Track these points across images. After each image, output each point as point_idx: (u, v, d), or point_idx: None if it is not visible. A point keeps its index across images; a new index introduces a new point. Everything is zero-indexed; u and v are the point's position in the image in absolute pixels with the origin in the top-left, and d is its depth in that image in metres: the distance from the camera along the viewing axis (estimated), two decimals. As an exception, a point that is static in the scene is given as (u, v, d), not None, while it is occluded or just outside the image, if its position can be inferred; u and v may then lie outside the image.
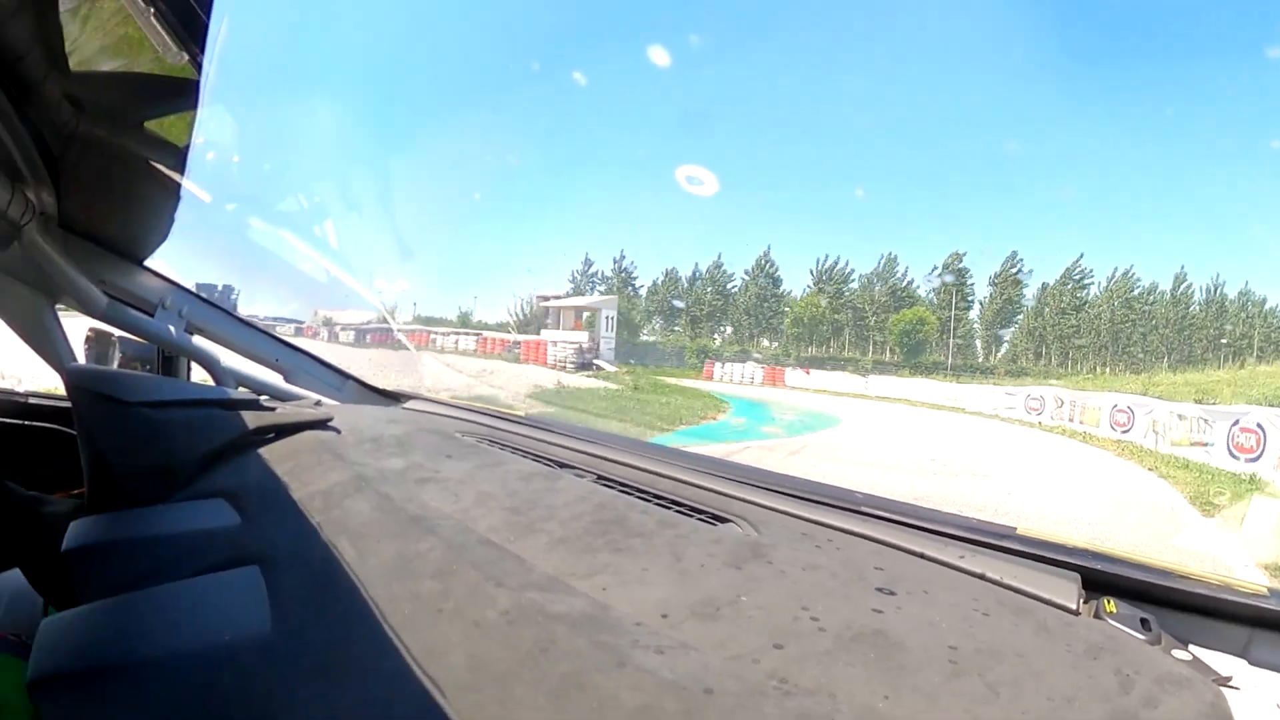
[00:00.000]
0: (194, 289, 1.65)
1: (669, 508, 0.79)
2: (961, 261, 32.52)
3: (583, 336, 29.48)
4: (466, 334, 31.08)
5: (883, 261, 34.94)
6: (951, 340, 31.62)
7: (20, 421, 1.75)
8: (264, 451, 1.14)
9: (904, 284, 34.07)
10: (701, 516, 0.77)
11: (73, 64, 1.02)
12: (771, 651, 0.48)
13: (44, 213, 1.31)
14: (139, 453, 1.09)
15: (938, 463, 10.46)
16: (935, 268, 33.72)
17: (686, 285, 37.54)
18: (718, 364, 30.11)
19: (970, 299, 32.99)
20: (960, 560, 0.63)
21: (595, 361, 27.67)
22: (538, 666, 0.47)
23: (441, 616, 0.57)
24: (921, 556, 0.65)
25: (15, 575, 1.26)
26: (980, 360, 31.85)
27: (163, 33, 1.01)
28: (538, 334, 30.76)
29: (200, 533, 0.90)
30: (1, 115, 0.99)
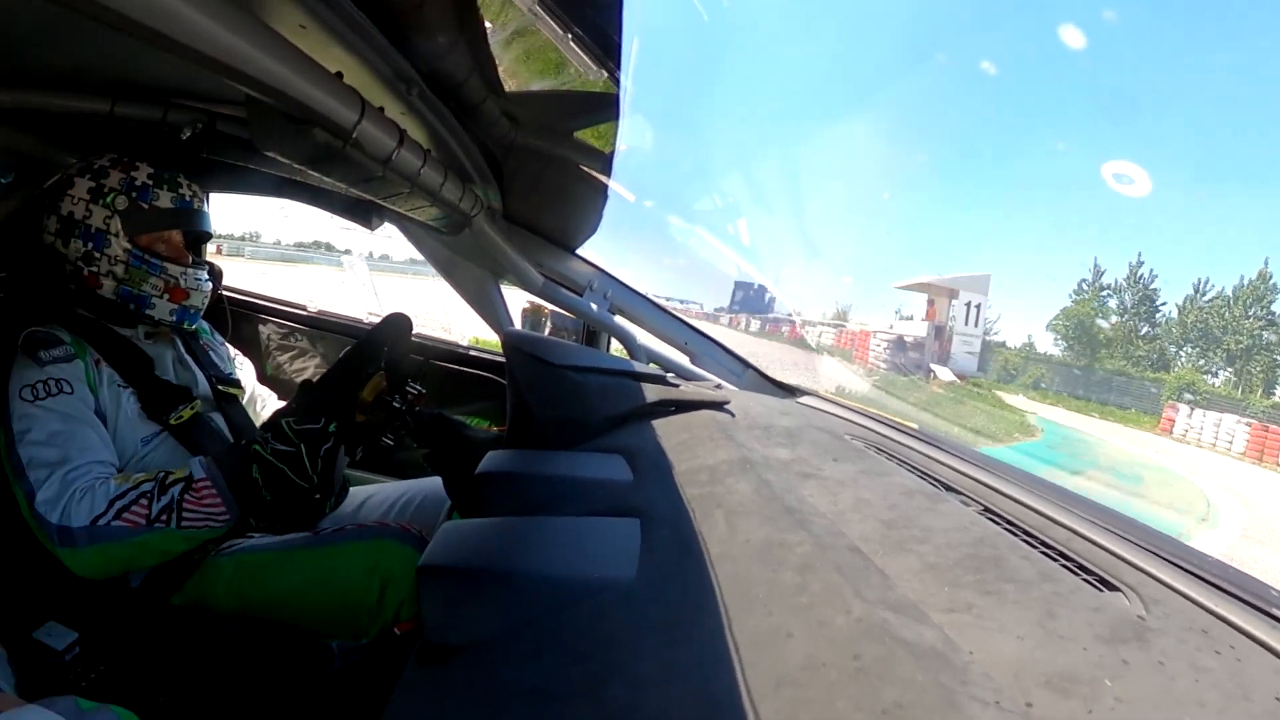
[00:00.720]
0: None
1: (1055, 559, 0.68)
2: None
3: (921, 329, 24.06)
4: (829, 326, 32.92)
5: None
6: None
7: (461, 368, 2.20)
8: (663, 421, 1.23)
9: None
10: (1088, 577, 0.64)
11: (506, 87, 1.21)
12: None
13: (490, 207, 1.61)
14: (556, 405, 1.28)
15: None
16: None
17: (1229, 303, 27.92)
18: (1183, 412, 20.89)
19: None
20: None
21: (931, 365, 22.04)
22: (870, 685, 0.45)
23: (792, 609, 0.56)
24: None
25: (434, 482, 1.51)
26: None
27: (582, 55, 1.12)
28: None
29: (596, 480, 0.99)
30: (451, 130, 1.24)
